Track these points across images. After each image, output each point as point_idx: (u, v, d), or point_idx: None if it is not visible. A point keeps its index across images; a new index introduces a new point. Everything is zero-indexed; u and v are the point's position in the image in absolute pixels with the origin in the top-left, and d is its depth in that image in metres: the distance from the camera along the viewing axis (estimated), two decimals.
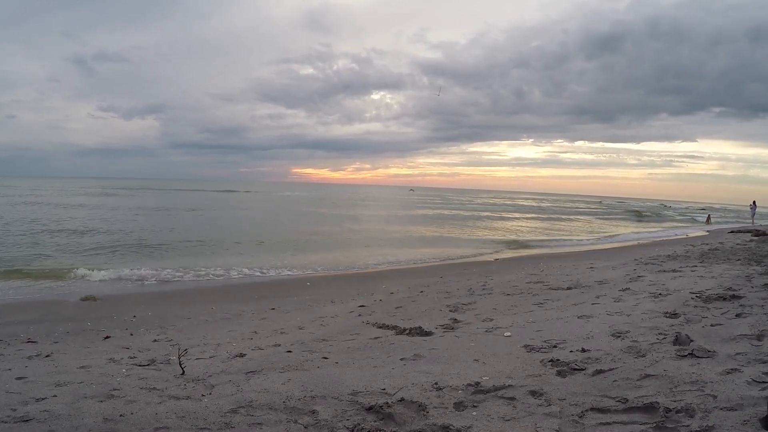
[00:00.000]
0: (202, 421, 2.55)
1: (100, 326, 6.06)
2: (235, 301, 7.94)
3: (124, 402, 2.81)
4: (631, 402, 2.54)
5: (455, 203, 62.43)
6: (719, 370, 2.84)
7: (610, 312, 4.85)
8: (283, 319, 6.18)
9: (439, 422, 2.46)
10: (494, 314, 5.45)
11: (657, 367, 3.00)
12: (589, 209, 56.66)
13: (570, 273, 8.74)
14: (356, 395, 2.85)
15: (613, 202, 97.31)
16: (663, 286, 6.23)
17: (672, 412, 2.35)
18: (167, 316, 6.66)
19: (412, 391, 2.87)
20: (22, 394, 2.95)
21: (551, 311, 5.36)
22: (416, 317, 5.63)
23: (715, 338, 3.53)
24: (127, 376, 3.45)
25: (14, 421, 2.51)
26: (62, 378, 3.33)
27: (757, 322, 3.87)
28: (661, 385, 2.71)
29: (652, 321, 4.27)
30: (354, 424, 2.47)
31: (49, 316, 6.66)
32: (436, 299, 6.93)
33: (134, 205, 33.32)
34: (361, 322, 5.59)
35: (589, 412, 2.49)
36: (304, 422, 2.52)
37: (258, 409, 2.69)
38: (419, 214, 37.57)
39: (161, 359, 4.08)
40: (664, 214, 50.86)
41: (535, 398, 2.71)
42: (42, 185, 64.55)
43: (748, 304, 4.65)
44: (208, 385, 3.18)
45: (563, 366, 3.19)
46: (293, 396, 2.86)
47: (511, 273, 9.66)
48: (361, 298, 7.61)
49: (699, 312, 4.46)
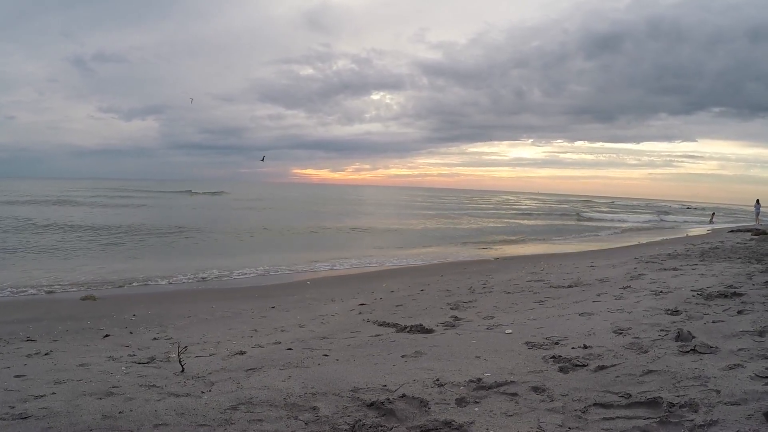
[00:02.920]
0: (201, 417, 2.53)
1: (99, 325, 6.04)
2: (235, 299, 7.91)
3: (123, 399, 2.79)
4: (635, 397, 2.53)
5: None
6: (722, 365, 2.83)
7: (612, 309, 4.84)
8: (284, 318, 6.16)
9: (441, 418, 2.44)
10: (495, 312, 5.44)
11: (659, 363, 2.99)
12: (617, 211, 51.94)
13: (571, 271, 8.73)
14: (357, 392, 2.84)
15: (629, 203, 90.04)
16: (664, 283, 6.22)
17: (676, 406, 2.34)
18: (167, 315, 6.63)
19: (413, 388, 2.85)
20: (20, 392, 2.93)
21: (552, 309, 5.34)
22: (417, 315, 5.61)
23: (717, 335, 3.52)
24: (126, 373, 3.43)
25: (12, 418, 2.49)
26: (61, 376, 3.31)
27: (759, 319, 3.86)
28: (663, 381, 2.70)
29: (653, 318, 4.26)
30: (355, 420, 2.45)
31: (49, 314, 6.64)
32: (437, 297, 6.92)
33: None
34: (361, 320, 5.57)
35: (592, 408, 2.47)
36: (305, 419, 2.50)
37: (258, 406, 2.67)
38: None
39: (161, 357, 4.06)
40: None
41: (537, 394, 2.70)
42: (50, 185, 64.44)
43: (749, 301, 4.64)
44: (207, 382, 3.16)
45: (565, 362, 3.18)
46: (294, 393, 2.85)
47: (511, 271, 9.64)
48: (361, 296, 7.59)
49: (700, 309, 4.45)
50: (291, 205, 43.11)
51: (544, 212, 45.03)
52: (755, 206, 29.86)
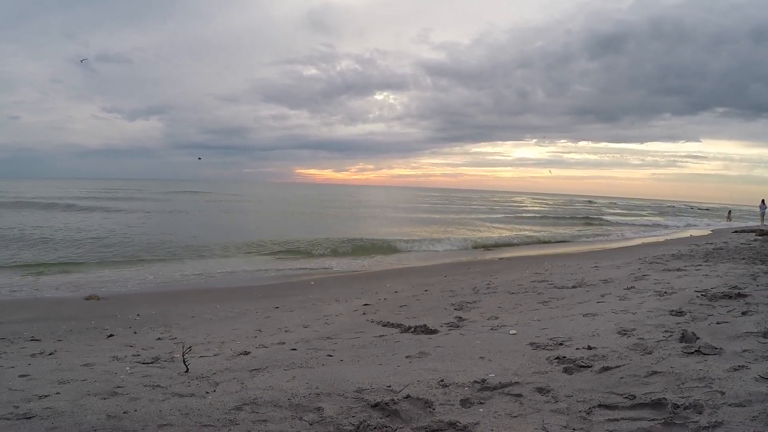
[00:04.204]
0: (206, 418, 2.53)
1: (103, 325, 6.06)
2: (240, 299, 7.93)
3: (127, 399, 2.79)
4: (639, 398, 2.52)
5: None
6: (726, 366, 2.82)
7: (616, 310, 4.82)
8: (288, 318, 6.17)
9: (446, 419, 2.44)
10: (499, 312, 5.43)
11: (664, 364, 2.98)
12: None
13: (574, 272, 8.71)
14: (362, 392, 2.84)
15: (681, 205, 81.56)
16: (668, 284, 6.20)
17: (680, 408, 2.33)
18: (171, 315, 6.66)
19: (417, 388, 2.85)
20: (25, 392, 2.94)
21: (556, 310, 5.33)
22: (421, 315, 5.61)
23: (722, 336, 3.50)
24: (130, 373, 3.44)
25: (17, 418, 2.50)
26: (65, 375, 3.32)
27: (764, 320, 3.84)
28: (668, 382, 2.69)
29: (657, 319, 4.24)
30: (360, 420, 2.45)
31: (53, 314, 6.67)
32: (441, 298, 6.91)
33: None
34: (365, 320, 5.58)
35: (596, 409, 2.46)
36: (309, 419, 2.50)
37: (263, 407, 2.67)
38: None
39: (165, 357, 4.07)
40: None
41: (541, 395, 2.69)
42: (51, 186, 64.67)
43: (753, 302, 4.62)
44: (212, 382, 3.16)
45: (570, 363, 3.17)
46: (298, 393, 2.85)
47: (515, 272, 9.63)
48: (365, 296, 7.59)
49: (705, 310, 4.43)
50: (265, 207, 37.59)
51: (558, 215, 38.93)
52: (761, 206, 29.69)
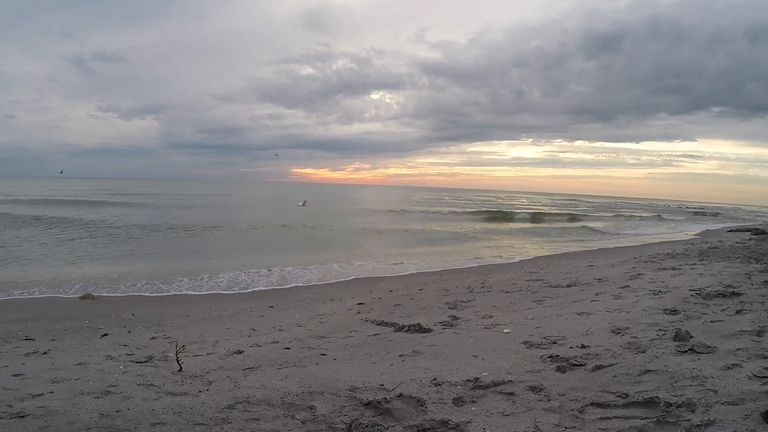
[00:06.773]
0: (198, 416, 2.52)
1: (98, 324, 6.03)
2: (233, 299, 7.92)
3: (120, 398, 2.78)
4: (632, 397, 2.53)
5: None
6: (720, 365, 2.83)
7: (610, 309, 4.84)
8: (282, 317, 6.16)
9: (438, 417, 2.44)
10: (493, 311, 5.44)
11: (657, 362, 2.99)
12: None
13: (569, 271, 8.73)
14: (354, 391, 2.83)
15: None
16: (662, 283, 6.22)
17: (673, 406, 2.34)
18: (165, 315, 6.63)
19: (410, 387, 2.85)
20: (18, 391, 2.92)
21: (550, 308, 5.34)
22: (415, 314, 5.61)
23: (715, 334, 3.52)
24: (124, 372, 3.43)
25: (10, 417, 2.49)
26: (59, 375, 3.31)
27: (757, 319, 3.86)
28: (661, 381, 2.70)
29: (651, 317, 4.26)
30: (352, 419, 2.45)
31: (47, 314, 6.63)
32: (435, 297, 6.91)
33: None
34: (359, 319, 5.57)
35: (589, 407, 2.47)
36: (302, 418, 2.50)
37: (255, 405, 2.67)
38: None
39: (159, 356, 4.05)
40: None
41: (534, 393, 2.70)
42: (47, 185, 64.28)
43: (747, 300, 4.65)
44: (205, 381, 3.15)
45: (563, 362, 3.17)
46: (291, 392, 2.84)
47: (510, 271, 9.65)
48: (359, 295, 7.59)
49: (699, 309, 4.45)
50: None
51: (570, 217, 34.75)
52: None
